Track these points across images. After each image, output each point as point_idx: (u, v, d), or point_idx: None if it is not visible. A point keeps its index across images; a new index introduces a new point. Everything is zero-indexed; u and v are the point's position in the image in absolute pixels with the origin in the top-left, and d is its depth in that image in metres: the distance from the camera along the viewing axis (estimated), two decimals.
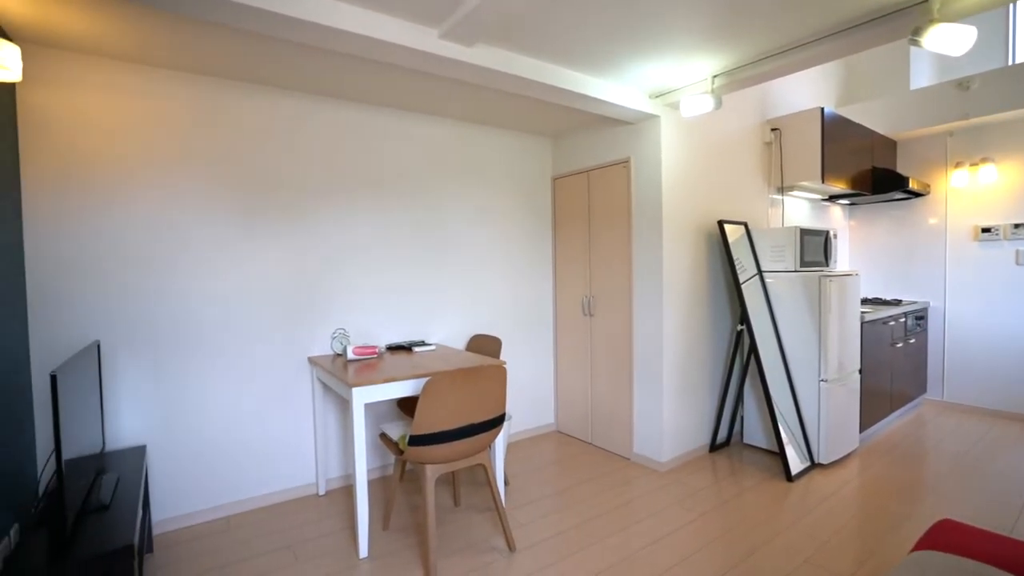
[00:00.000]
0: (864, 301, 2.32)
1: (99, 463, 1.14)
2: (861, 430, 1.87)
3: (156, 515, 1.35)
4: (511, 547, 1.25)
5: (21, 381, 1.10)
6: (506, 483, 1.60)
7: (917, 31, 1.04)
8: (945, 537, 0.84)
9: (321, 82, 1.46)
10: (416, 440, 1.14)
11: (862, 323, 1.83)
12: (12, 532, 0.96)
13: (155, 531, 1.36)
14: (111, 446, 1.31)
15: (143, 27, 1.13)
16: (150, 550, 1.27)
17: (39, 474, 1.19)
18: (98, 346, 1.18)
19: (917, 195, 2.30)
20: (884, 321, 1.99)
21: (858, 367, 1.81)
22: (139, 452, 1.24)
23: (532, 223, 2.03)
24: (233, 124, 1.42)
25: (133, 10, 1.05)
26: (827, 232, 1.82)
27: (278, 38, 1.18)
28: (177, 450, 1.37)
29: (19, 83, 1.18)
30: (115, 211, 1.28)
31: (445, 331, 1.82)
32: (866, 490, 1.53)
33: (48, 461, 1.16)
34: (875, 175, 2.21)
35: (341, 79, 1.43)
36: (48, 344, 1.21)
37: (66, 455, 0.84)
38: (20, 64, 0.99)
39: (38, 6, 1.03)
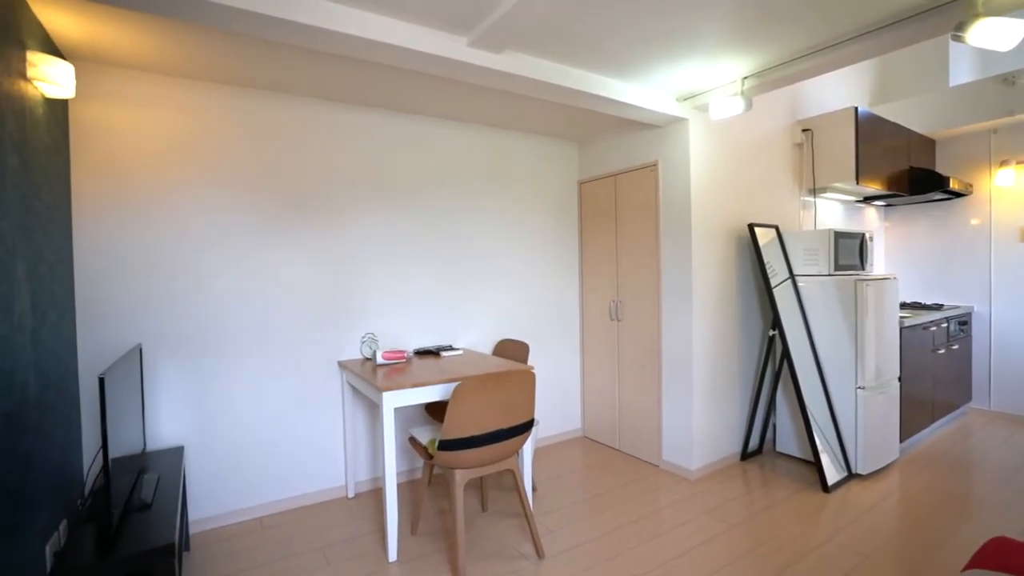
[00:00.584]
0: (903, 306, 2.25)
1: (140, 463, 1.18)
2: (901, 440, 1.80)
3: (192, 514, 1.39)
4: (540, 554, 1.24)
5: (69, 383, 1.15)
6: (534, 489, 1.60)
7: (961, 26, 1.01)
8: (1001, 556, 0.79)
9: (353, 92, 1.49)
10: (446, 445, 1.15)
11: (901, 328, 1.78)
12: (61, 527, 1.00)
13: (191, 530, 1.40)
14: (151, 446, 1.35)
15: (187, 43, 1.17)
16: (187, 548, 1.31)
17: (85, 473, 1.24)
18: (140, 350, 1.23)
19: (958, 195, 2.23)
20: (925, 326, 1.92)
21: (897, 374, 1.75)
22: (177, 453, 1.28)
23: (559, 227, 2.03)
24: (270, 134, 1.47)
25: (178, 28, 1.10)
26: (863, 235, 1.77)
27: (315, 51, 1.22)
28: (212, 451, 1.41)
29: (72, 99, 1.24)
30: (157, 220, 1.33)
31: (472, 336, 1.83)
32: (909, 503, 1.47)
33: (94, 460, 1.20)
34: (913, 175, 2.14)
35: (372, 88, 1.47)
36: (93, 347, 1.26)
37: (111, 455, 0.87)
38: (73, 82, 1.05)
39: (90, 26, 1.08)
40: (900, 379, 1.78)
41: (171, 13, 0.95)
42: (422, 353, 1.63)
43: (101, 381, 0.83)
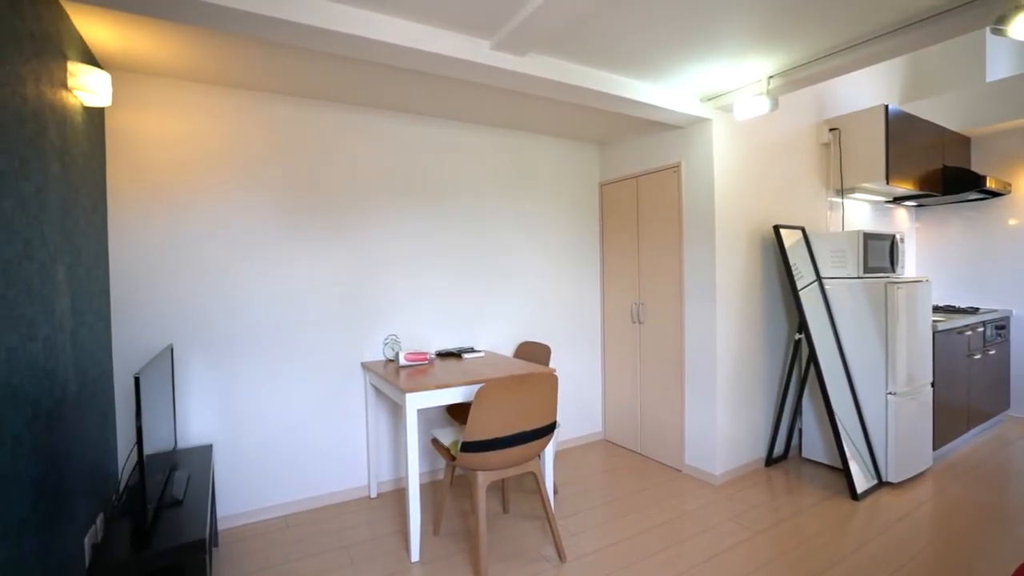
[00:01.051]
0: (935, 309, 2.19)
1: (172, 460, 1.21)
2: (935, 447, 1.75)
3: (220, 511, 1.42)
4: (562, 557, 1.24)
5: (105, 382, 1.18)
6: (555, 492, 1.60)
7: (1002, 19, 0.98)
8: None
9: (378, 96, 1.51)
10: (468, 446, 1.16)
11: (934, 333, 1.73)
12: (98, 521, 1.03)
13: (219, 526, 1.43)
14: (181, 444, 1.39)
15: (218, 52, 1.20)
16: (216, 544, 1.34)
17: (120, 469, 1.28)
18: (171, 350, 1.26)
19: (995, 195, 2.16)
20: (959, 331, 1.86)
21: (930, 380, 1.70)
22: (206, 451, 1.31)
23: (579, 229, 2.03)
24: (298, 139, 1.50)
25: (209, 37, 1.13)
26: (893, 236, 1.73)
27: (343, 57, 1.24)
28: (239, 450, 1.44)
29: (108, 107, 1.28)
30: (188, 223, 1.36)
31: (493, 338, 1.84)
32: (943, 514, 1.42)
33: (128, 457, 1.24)
34: (946, 174, 2.08)
35: (396, 92, 1.49)
36: (127, 348, 1.30)
37: (145, 451, 0.90)
38: (110, 90, 1.08)
39: (125, 36, 1.11)
40: (933, 385, 1.73)
41: (203, 22, 0.98)
42: (444, 355, 1.64)
43: (136, 380, 0.86)
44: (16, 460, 0.73)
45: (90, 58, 1.16)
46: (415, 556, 1.25)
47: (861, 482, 1.55)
